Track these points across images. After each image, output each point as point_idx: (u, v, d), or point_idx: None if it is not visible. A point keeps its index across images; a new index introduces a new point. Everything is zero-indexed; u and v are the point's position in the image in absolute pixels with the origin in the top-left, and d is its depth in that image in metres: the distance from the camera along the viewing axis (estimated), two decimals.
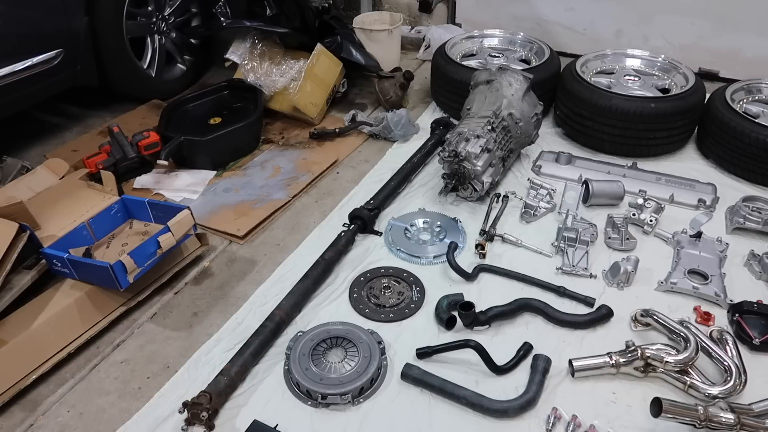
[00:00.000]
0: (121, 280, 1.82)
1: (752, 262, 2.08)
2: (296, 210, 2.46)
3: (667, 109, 2.57)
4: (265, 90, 2.96)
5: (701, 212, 2.37)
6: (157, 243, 1.91)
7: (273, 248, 2.25)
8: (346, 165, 2.75)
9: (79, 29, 2.71)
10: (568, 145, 2.81)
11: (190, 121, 2.88)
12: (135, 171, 2.60)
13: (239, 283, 2.09)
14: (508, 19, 3.73)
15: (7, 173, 2.37)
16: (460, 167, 2.31)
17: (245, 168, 2.72)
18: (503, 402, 1.59)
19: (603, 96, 2.63)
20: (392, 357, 1.76)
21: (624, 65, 3.00)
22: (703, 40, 3.37)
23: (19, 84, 2.53)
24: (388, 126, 2.86)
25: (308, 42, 3.03)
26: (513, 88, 2.48)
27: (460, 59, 3.10)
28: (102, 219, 2.11)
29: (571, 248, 2.13)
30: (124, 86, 3.13)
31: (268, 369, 1.74)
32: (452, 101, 2.94)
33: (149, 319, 1.95)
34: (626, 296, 1.97)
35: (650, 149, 2.68)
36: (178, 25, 3.29)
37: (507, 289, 1.99)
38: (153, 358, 1.81)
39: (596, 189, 2.35)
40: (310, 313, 1.93)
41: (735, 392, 1.59)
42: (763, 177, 2.50)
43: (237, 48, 3.06)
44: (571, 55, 3.22)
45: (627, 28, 3.54)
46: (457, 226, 2.29)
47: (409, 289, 2.01)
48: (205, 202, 2.48)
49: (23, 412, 1.66)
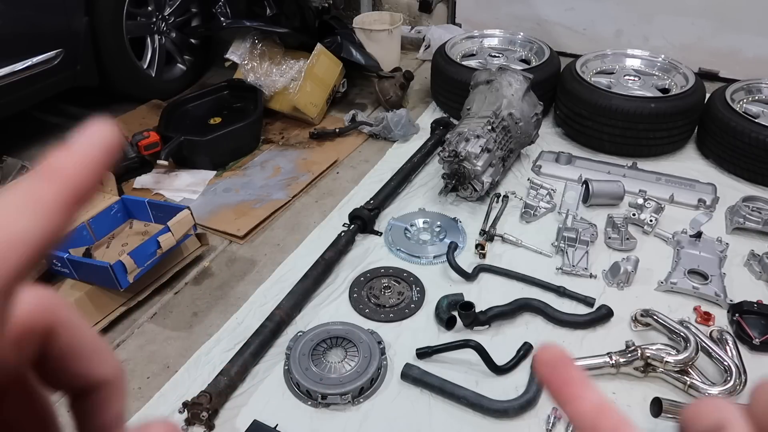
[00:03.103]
0: (121, 280, 1.82)
1: (752, 262, 2.08)
2: (296, 210, 2.46)
3: (667, 109, 2.57)
4: (265, 90, 2.95)
5: (701, 212, 2.37)
6: (157, 243, 1.91)
7: (273, 248, 2.25)
8: (346, 165, 2.75)
9: (79, 29, 2.71)
10: (568, 145, 2.81)
11: (190, 121, 2.87)
12: (135, 171, 2.60)
13: (239, 283, 2.09)
14: (508, 19, 3.73)
15: (7, 173, 2.37)
16: (460, 167, 2.31)
17: (245, 168, 2.72)
18: (503, 402, 1.59)
19: (603, 96, 2.63)
20: (392, 357, 1.76)
21: (624, 65, 3.00)
22: (703, 40, 3.37)
23: (19, 84, 2.53)
24: (388, 126, 2.86)
25: (308, 42, 3.03)
26: (513, 88, 2.48)
27: (460, 59, 3.10)
28: (102, 219, 2.11)
29: (571, 248, 2.13)
30: (124, 86, 3.13)
31: (268, 369, 1.74)
32: (452, 101, 2.94)
33: (149, 319, 1.95)
34: (626, 296, 1.97)
35: (650, 149, 2.68)
36: (178, 25, 3.29)
37: (507, 289, 1.99)
38: (153, 358, 1.81)
39: (596, 189, 2.35)
40: (310, 313, 1.93)
41: (735, 392, 1.59)
42: (763, 177, 2.50)
43: (237, 48, 3.06)
44: (571, 55, 3.21)
45: (627, 28, 3.54)
46: (457, 226, 2.29)
47: (409, 289, 2.01)
48: (205, 202, 2.48)
49: None
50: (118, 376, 0.28)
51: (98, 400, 0.27)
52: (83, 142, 0.24)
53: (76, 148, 0.24)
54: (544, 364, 0.28)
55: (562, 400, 0.28)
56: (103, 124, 0.25)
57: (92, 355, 0.27)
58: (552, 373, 0.28)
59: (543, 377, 0.28)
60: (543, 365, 0.28)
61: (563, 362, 0.28)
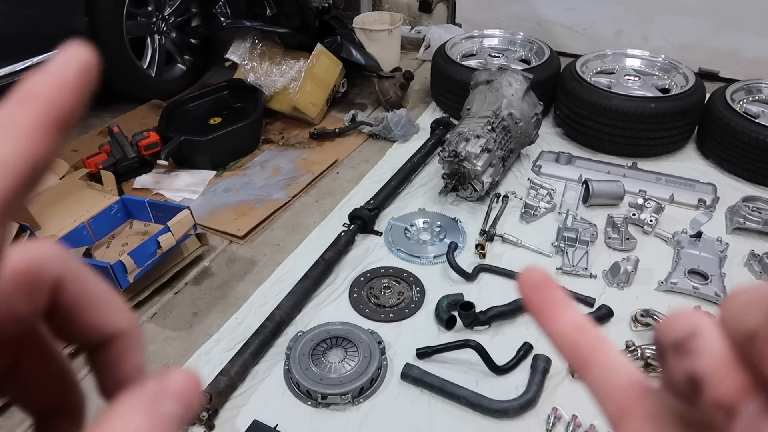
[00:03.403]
0: (121, 280, 1.82)
1: (752, 262, 2.08)
2: (296, 210, 2.46)
3: (667, 109, 2.57)
4: (265, 90, 2.96)
5: (701, 212, 2.37)
6: (157, 243, 1.91)
7: (273, 248, 2.25)
8: (346, 165, 2.75)
9: (79, 29, 2.71)
10: (568, 145, 2.81)
11: (190, 121, 2.88)
12: (135, 171, 2.60)
13: (239, 283, 2.09)
14: (508, 19, 3.73)
15: None
16: (460, 167, 2.31)
17: (245, 168, 2.72)
18: (503, 402, 1.59)
19: (603, 96, 2.63)
20: (392, 357, 1.76)
21: (624, 65, 3.00)
22: (703, 40, 3.37)
23: None
24: (388, 126, 2.86)
25: (308, 42, 3.03)
26: (513, 88, 2.48)
27: (460, 59, 3.10)
28: (102, 219, 2.11)
29: (571, 248, 2.13)
30: (124, 86, 3.13)
31: (268, 369, 1.74)
32: (452, 101, 2.94)
33: (149, 319, 1.95)
34: (626, 296, 1.97)
35: (650, 149, 2.68)
36: (178, 25, 3.29)
37: (507, 289, 1.99)
38: (153, 358, 1.81)
39: (596, 189, 2.35)
40: (310, 313, 1.93)
41: None
42: (763, 177, 2.50)
43: (237, 48, 3.06)
44: (571, 55, 3.21)
45: (627, 28, 3.54)
46: (457, 226, 2.29)
47: (409, 289, 2.01)
48: (205, 202, 2.48)
49: None
50: (132, 326, 0.28)
51: (115, 353, 0.27)
52: (58, 63, 0.23)
53: (50, 69, 0.23)
54: (527, 285, 0.28)
55: (543, 319, 0.28)
56: (78, 45, 0.24)
57: (104, 306, 0.27)
58: (534, 293, 0.28)
59: (525, 297, 0.28)
60: (526, 285, 0.28)
61: (546, 283, 0.28)
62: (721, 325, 0.23)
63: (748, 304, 0.22)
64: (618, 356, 0.27)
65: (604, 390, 0.26)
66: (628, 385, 0.26)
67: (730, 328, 0.23)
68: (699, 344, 0.23)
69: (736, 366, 0.22)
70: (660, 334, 0.25)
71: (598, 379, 0.27)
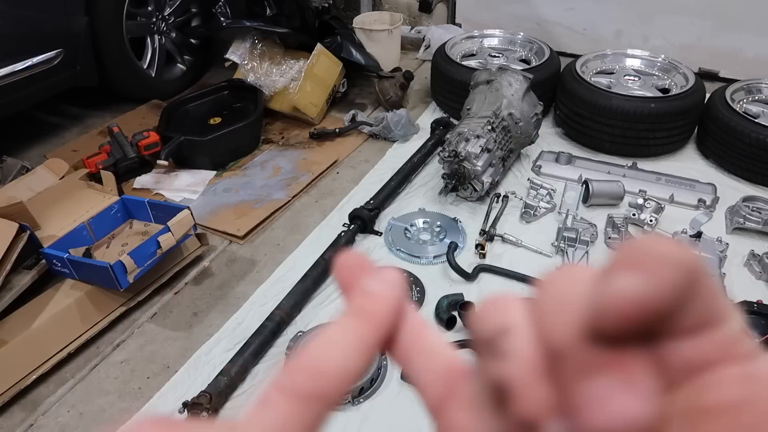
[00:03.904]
0: (121, 280, 1.82)
1: (752, 262, 2.08)
2: (296, 210, 2.46)
3: (667, 109, 2.57)
4: (265, 90, 2.95)
5: (701, 212, 2.37)
6: (157, 243, 1.91)
7: (273, 248, 2.25)
8: (346, 165, 2.75)
9: (79, 29, 2.71)
10: (568, 145, 2.81)
11: (190, 121, 2.88)
12: (135, 171, 2.60)
13: (239, 283, 2.09)
14: (508, 19, 3.73)
15: (7, 173, 2.37)
16: (460, 167, 2.31)
17: (245, 168, 2.72)
18: None
19: (603, 96, 2.63)
20: None
21: (624, 65, 3.00)
22: (703, 40, 3.37)
23: (19, 84, 2.53)
24: (388, 126, 2.86)
25: (308, 42, 3.03)
26: (513, 88, 2.48)
27: (460, 59, 3.10)
28: (102, 219, 2.11)
29: (571, 248, 2.13)
30: (124, 86, 3.13)
31: (268, 369, 1.74)
32: (452, 101, 2.94)
33: (149, 319, 1.95)
34: None
35: (650, 149, 2.68)
36: (178, 25, 3.29)
37: (507, 289, 1.99)
38: (153, 358, 1.81)
39: (596, 189, 2.35)
40: (310, 313, 1.93)
41: None
42: (763, 177, 2.50)
43: (237, 48, 3.06)
44: (571, 55, 3.21)
45: (627, 28, 3.54)
46: (457, 226, 2.29)
47: (408, 289, 2.01)
48: (205, 202, 2.48)
49: (23, 412, 1.66)
50: None
51: None
52: (385, 287, 0.25)
53: (381, 292, 0.25)
54: (339, 270, 0.27)
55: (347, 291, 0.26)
56: (395, 271, 0.26)
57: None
58: (345, 275, 0.26)
59: (338, 281, 0.27)
60: (338, 270, 0.27)
61: (358, 264, 0.26)
62: (535, 320, 0.21)
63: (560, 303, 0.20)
64: (435, 340, 0.25)
65: (420, 379, 0.25)
66: (446, 371, 0.24)
67: (539, 333, 0.21)
68: (509, 346, 0.21)
69: (544, 376, 0.20)
70: (473, 327, 0.23)
71: (417, 368, 0.25)
